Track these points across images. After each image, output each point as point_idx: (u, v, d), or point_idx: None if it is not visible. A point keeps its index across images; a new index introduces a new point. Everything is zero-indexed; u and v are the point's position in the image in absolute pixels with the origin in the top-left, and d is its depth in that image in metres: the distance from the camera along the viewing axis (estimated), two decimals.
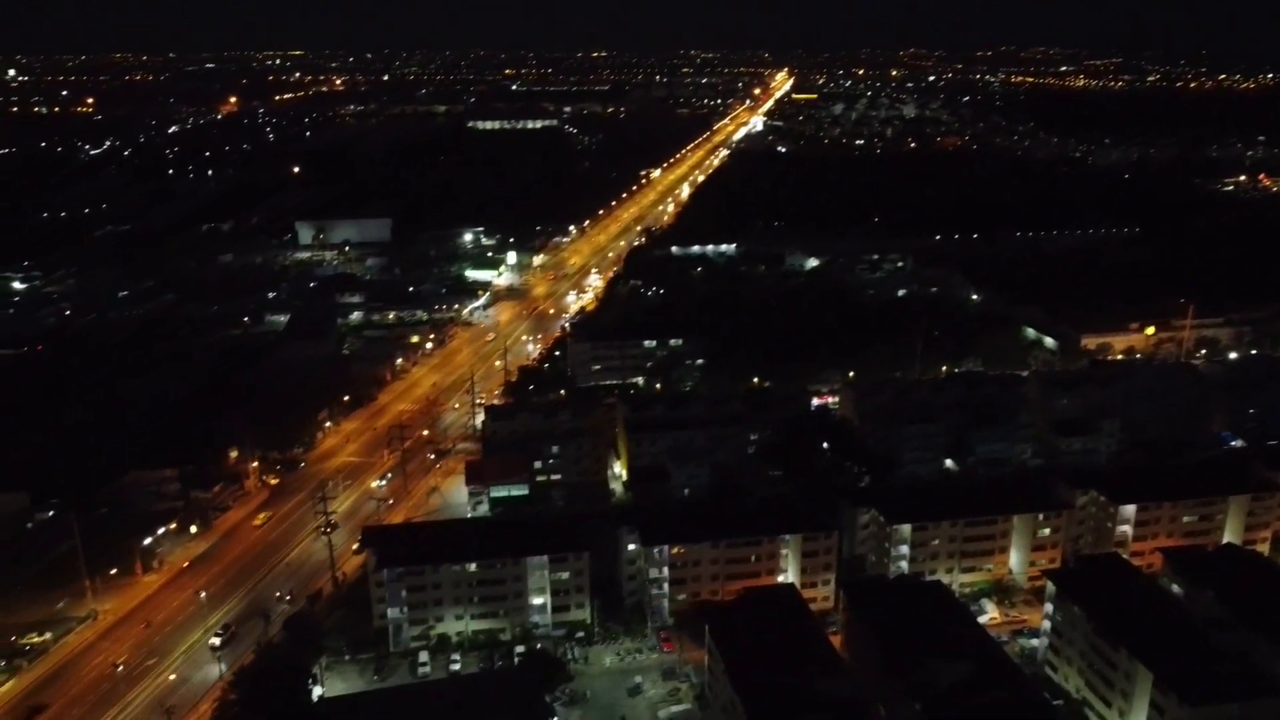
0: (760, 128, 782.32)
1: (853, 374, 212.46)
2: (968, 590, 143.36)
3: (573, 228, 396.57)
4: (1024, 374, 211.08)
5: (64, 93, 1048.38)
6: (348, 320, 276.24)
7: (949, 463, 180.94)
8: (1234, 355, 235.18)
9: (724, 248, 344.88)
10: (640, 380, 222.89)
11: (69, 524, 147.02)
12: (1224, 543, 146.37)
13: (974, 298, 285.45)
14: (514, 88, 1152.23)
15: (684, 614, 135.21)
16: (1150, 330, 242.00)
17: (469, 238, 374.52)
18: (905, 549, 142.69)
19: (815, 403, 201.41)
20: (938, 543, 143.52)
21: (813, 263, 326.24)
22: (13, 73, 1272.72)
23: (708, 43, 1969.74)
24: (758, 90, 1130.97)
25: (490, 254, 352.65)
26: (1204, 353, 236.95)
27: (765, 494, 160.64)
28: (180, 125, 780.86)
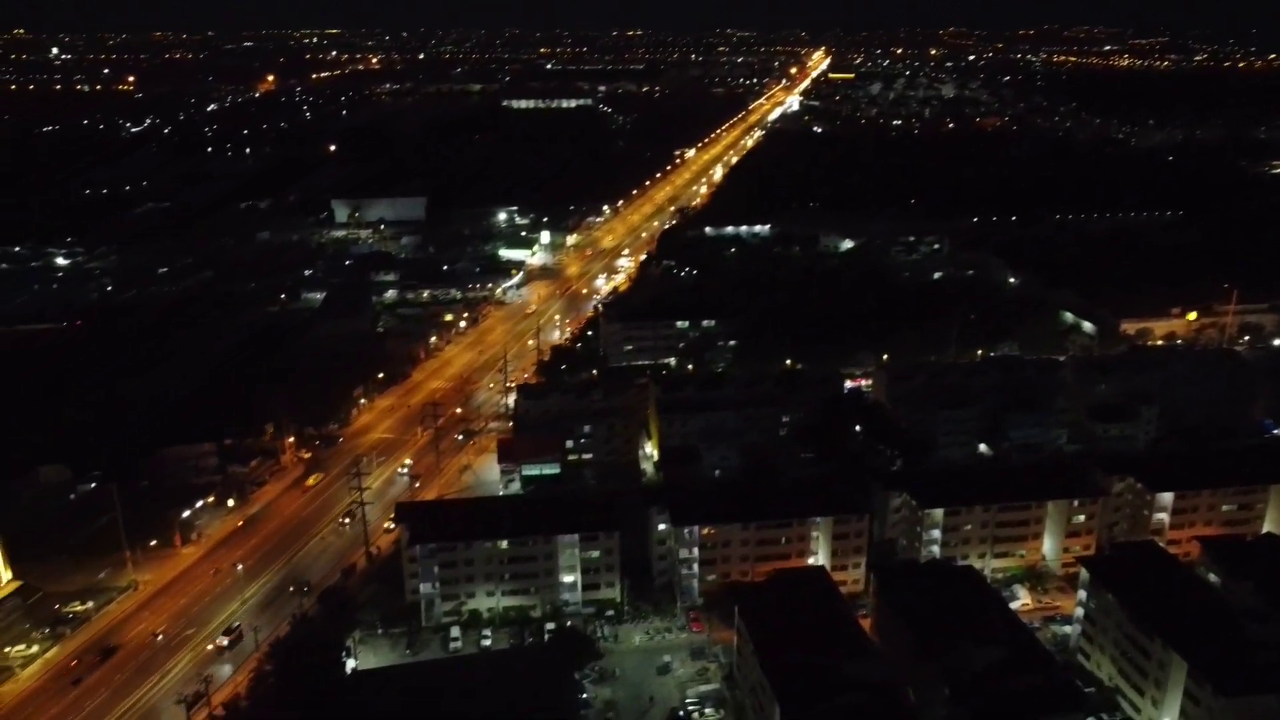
0: (796, 107, 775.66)
1: (886, 357, 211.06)
2: (1000, 576, 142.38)
3: (606, 207, 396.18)
4: (1061, 359, 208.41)
5: (106, 71, 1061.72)
6: (382, 298, 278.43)
7: (983, 447, 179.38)
8: (1278, 342, 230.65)
9: (758, 228, 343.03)
10: (672, 361, 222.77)
11: (110, 496, 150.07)
12: (1264, 532, 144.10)
13: (1011, 281, 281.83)
14: (549, 67, 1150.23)
15: (713, 594, 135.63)
16: (1192, 315, 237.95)
17: (503, 217, 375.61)
18: (937, 533, 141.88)
19: (848, 385, 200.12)
20: (970, 528, 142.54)
21: (848, 244, 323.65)
22: (56, 51, 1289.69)
23: (744, 21, 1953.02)
24: (794, 70, 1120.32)
25: (524, 233, 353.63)
26: (1247, 339, 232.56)
27: (797, 476, 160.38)
28: (219, 103, 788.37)
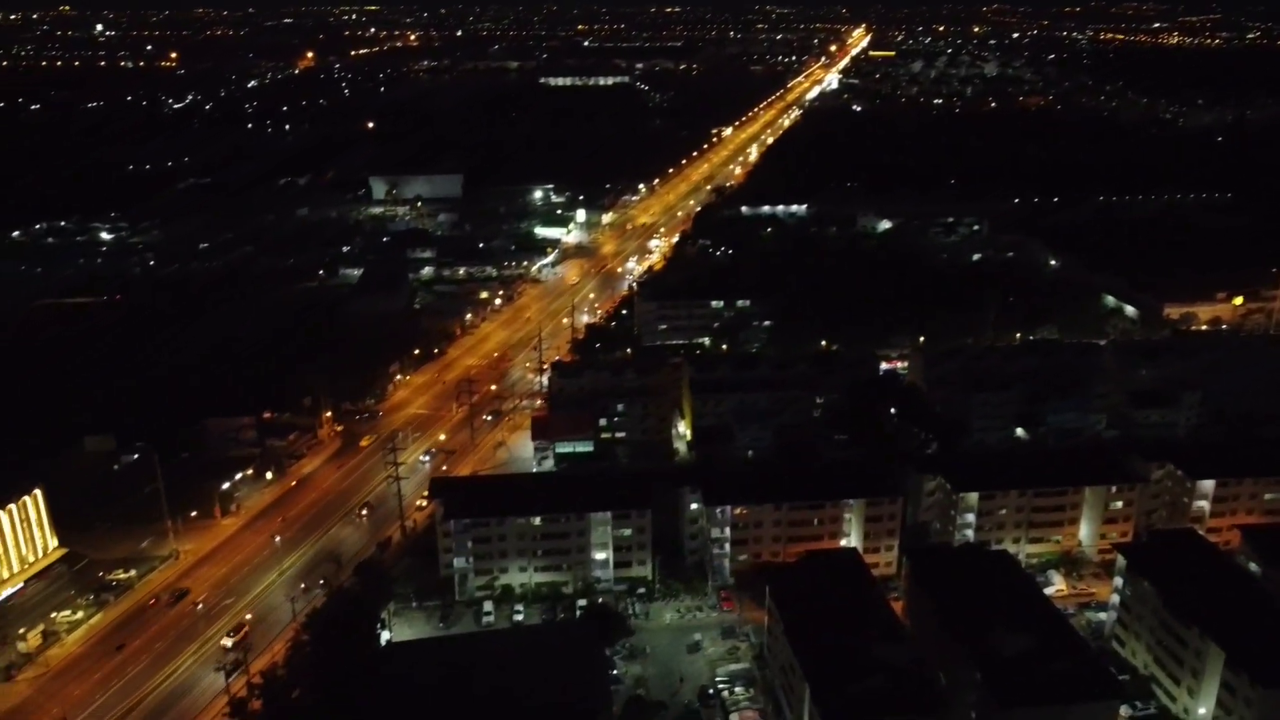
0: (835, 85, 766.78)
1: (923, 339, 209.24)
2: (1034, 561, 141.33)
3: (642, 186, 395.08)
4: (1101, 343, 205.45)
5: (149, 47, 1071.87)
6: (419, 275, 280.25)
7: (1019, 432, 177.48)
8: None
9: (794, 208, 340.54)
10: (706, 341, 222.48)
11: (152, 467, 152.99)
12: None
13: (1052, 263, 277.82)
14: (586, 44, 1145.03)
15: (744, 574, 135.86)
16: (1238, 300, 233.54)
17: (538, 195, 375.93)
18: (971, 517, 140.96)
19: (884, 367, 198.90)
20: (1005, 512, 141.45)
21: (885, 225, 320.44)
22: (100, 28, 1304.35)
23: None
24: (834, 47, 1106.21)
25: (559, 211, 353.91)
26: None
27: (830, 458, 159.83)
28: (259, 80, 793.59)
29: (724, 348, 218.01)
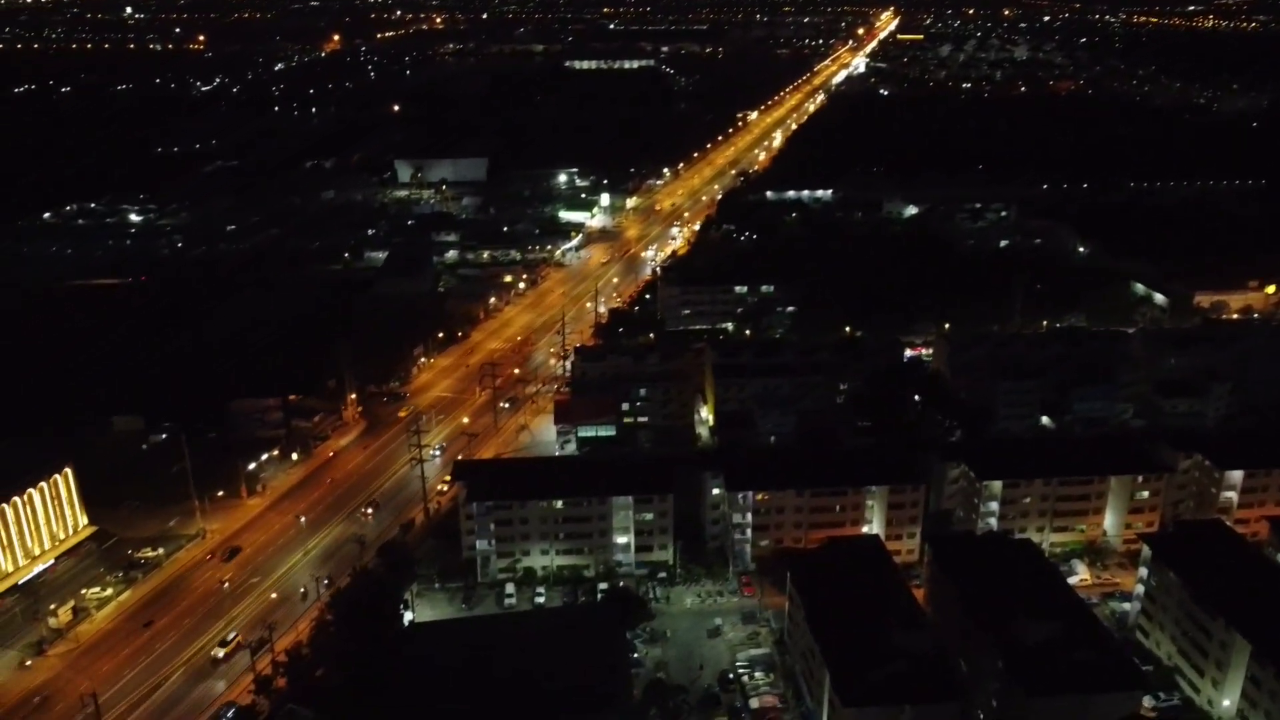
0: (862, 69, 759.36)
1: (948, 326, 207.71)
2: (1058, 550, 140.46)
3: (667, 170, 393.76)
4: (1130, 331, 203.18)
5: (177, 30, 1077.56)
6: (443, 258, 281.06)
7: (1045, 420, 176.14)
8: None
9: (820, 193, 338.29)
10: (730, 326, 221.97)
11: (180, 446, 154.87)
12: None
13: (1081, 250, 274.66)
14: (611, 27, 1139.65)
15: (766, 560, 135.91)
16: (1271, 289, 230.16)
17: (563, 178, 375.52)
18: (995, 506, 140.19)
19: (908, 354, 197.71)
20: (1029, 501, 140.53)
21: (911, 210, 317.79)
22: (129, 10, 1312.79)
23: None
24: (861, 30, 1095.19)
25: (584, 195, 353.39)
26: None
27: (853, 444, 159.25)
28: (286, 63, 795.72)
29: (747, 333, 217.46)
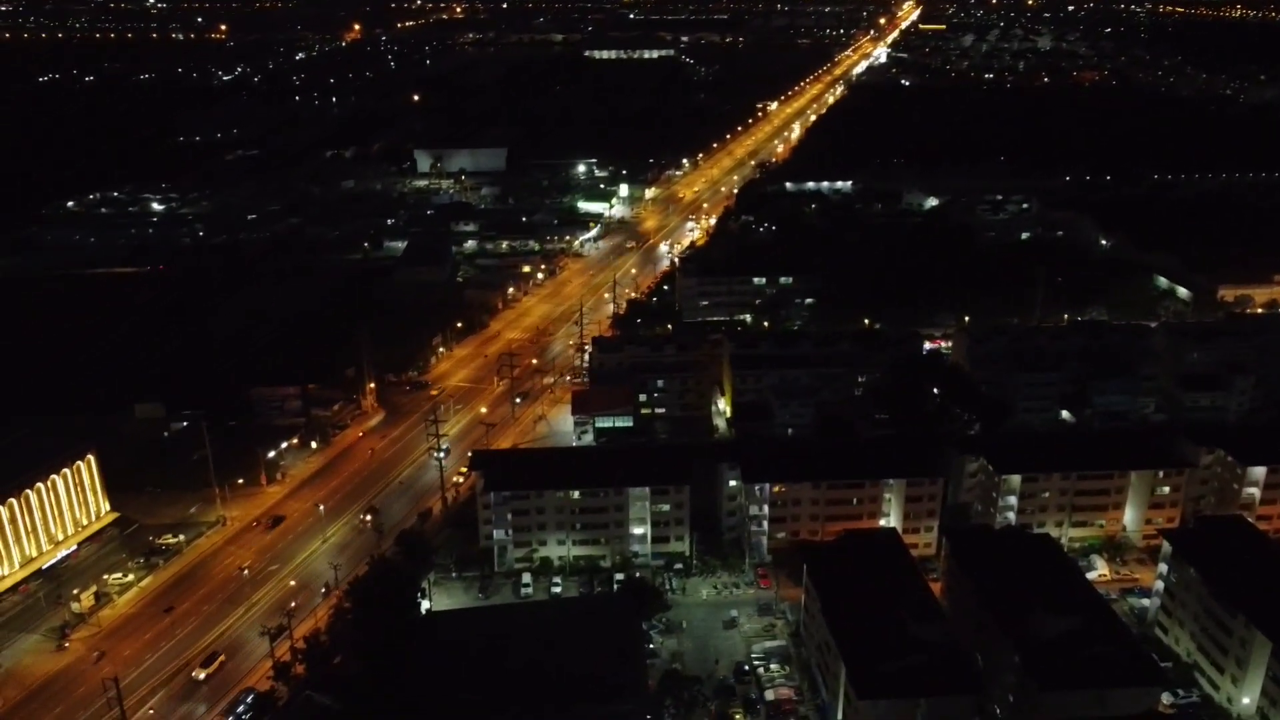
0: (884, 60, 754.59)
1: (967, 318, 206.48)
2: (1077, 545, 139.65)
3: (686, 160, 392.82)
4: (1152, 325, 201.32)
5: (199, 20, 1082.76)
6: (462, 248, 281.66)
7: (1065, 414, 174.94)
8: None
9: (840, 184, 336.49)
10: (748, 317, 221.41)
11: (201, 434, 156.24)
12: None
13: (1103, 243, 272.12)
14: (631, 16, 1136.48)
15: (782, 552, 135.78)
16: None
17: (582, 169, 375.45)
18: (1013, 499, 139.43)
19: (927, 346, 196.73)
20: (1048, 495, 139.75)
21: (932, 202, 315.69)
22: (152, 0, 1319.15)
23: None
24: (883, 20, 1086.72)
25: (602, 186, 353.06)
26: None
27: (871, 436, 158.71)
28: (306, 52, 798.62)
29: (765, 324, 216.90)
